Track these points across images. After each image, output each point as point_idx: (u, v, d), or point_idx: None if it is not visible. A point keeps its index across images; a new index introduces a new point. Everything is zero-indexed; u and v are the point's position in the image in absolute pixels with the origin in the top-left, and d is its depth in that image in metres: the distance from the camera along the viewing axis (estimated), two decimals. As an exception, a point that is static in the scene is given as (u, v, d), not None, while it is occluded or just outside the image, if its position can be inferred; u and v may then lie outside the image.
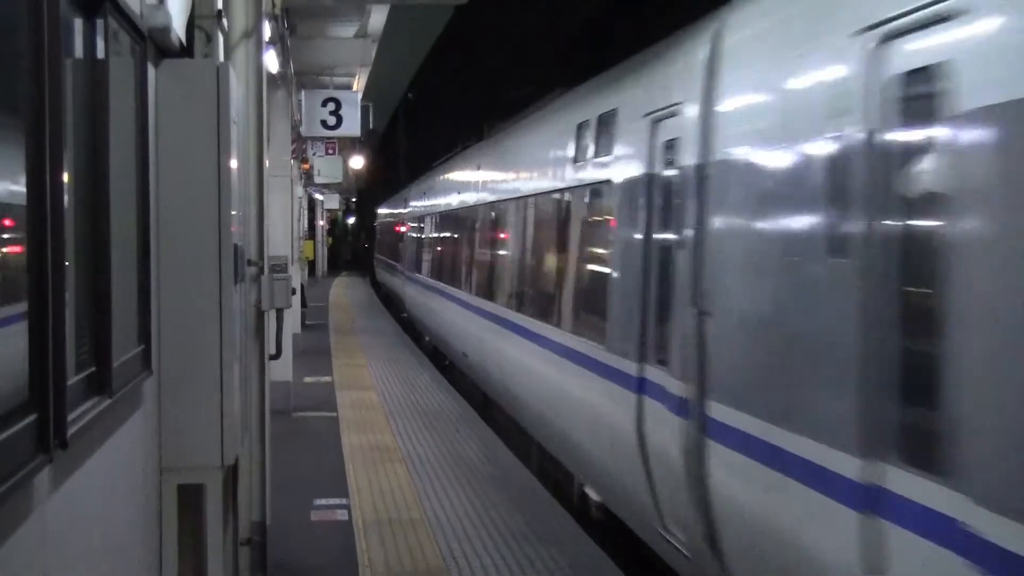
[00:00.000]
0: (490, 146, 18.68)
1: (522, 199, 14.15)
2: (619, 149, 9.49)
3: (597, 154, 10.28)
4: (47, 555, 3.67)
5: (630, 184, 8.88)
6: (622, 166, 9.24)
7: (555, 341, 11.33)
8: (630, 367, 8.37)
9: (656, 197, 8.21)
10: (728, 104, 7.01)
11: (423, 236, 26.91)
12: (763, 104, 6.57)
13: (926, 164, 4.72)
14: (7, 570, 3.23)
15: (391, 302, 37.09)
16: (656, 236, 8.17)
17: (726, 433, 6.42)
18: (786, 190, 6.06)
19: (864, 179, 5.05)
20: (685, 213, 7.33)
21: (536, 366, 12.23)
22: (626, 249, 8.96)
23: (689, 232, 7.22)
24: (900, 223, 4.88)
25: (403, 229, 33.40)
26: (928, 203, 4.72)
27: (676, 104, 7.83)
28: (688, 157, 7.39)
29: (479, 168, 18.65)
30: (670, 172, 7.93)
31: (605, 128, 10.05)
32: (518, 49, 44.67)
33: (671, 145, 7.95)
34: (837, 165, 5.32)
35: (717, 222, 6.87)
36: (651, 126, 8.37)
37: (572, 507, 10.64)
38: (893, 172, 4.93)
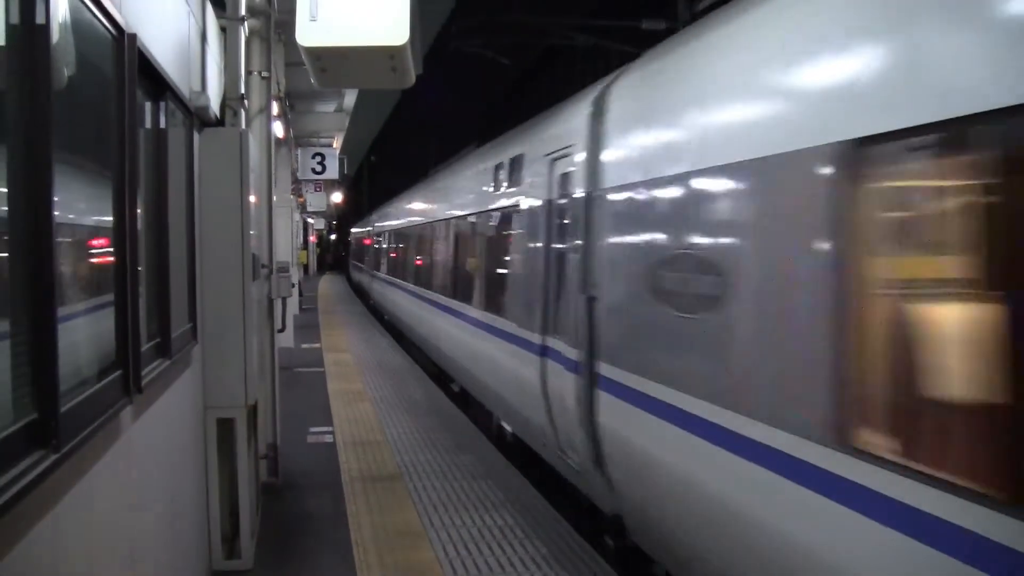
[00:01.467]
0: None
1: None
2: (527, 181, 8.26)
3: (510, 185, 9.02)
4: (132, 464, 3.71)
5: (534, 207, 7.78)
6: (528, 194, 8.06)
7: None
8: (535, 337, 7.38)
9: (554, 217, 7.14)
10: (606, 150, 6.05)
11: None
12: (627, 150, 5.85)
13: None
14: (109, 472, 3.27)
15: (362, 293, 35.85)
16: (554, 245, 7.17)
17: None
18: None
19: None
20: (577, 228, 6.46)
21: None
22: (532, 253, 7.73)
23: (578, 241, 6.42)
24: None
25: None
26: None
27: (569, 146, 6.93)
28: (578, 188, 6.54)
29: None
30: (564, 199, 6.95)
31: (516, 166, 8.77)
32: (447, 116, 44.63)
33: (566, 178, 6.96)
34: None
35: (598, 235, 6.05)
36: (550, 164, 7.40)
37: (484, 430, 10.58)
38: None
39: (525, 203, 8.29)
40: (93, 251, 3.50)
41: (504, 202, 9.33)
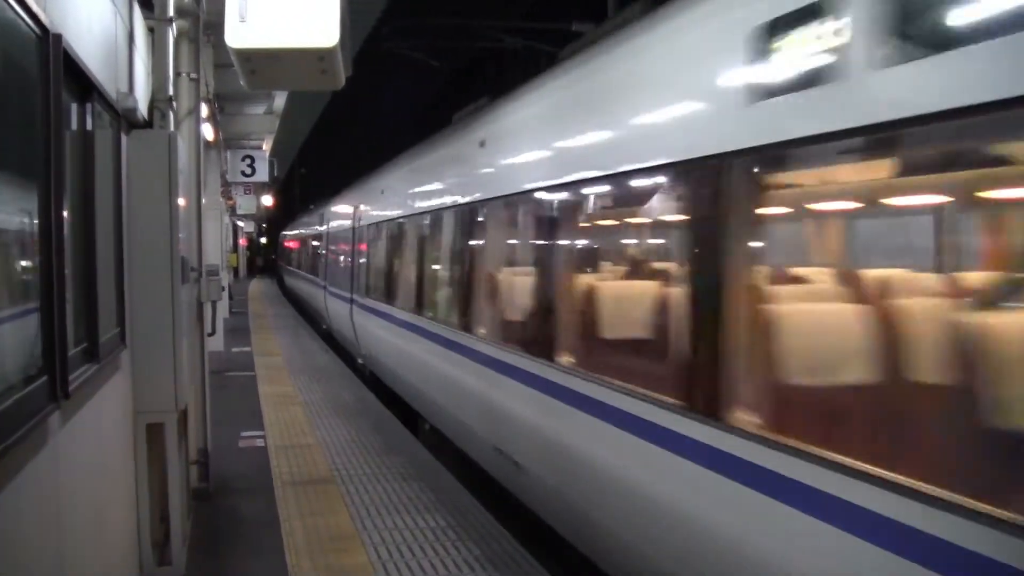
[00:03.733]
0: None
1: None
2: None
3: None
4: (58, 470, 3.64)
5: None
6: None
7: None
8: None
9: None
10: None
11: None
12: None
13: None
14: (33, 479, 3.20)
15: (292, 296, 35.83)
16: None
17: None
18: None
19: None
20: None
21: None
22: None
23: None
24: None
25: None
26: None
27: None
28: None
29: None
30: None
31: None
32: (369, 129, 44.58)
33: None
34: None
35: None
36: None
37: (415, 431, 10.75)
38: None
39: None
40: (18, 254, 3.43)
41: None
